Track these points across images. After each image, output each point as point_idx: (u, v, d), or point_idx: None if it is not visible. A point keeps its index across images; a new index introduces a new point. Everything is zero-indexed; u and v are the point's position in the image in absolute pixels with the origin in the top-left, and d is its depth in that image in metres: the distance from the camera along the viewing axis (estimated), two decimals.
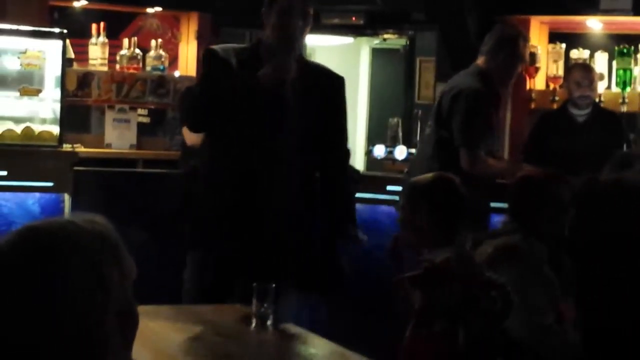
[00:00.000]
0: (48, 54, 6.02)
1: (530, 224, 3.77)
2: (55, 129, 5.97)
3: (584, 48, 7.37)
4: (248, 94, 4.12)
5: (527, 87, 7.44)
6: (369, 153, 7.61)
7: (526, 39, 5.60)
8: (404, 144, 7.49)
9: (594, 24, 7.37)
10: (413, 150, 7.04)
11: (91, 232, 1.58)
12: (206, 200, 4.22)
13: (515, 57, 5.42)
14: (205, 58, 4.37)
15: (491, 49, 5.45)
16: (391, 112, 8.81)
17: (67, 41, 6.50)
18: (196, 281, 4.16)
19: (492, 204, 5.35)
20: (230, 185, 4.16)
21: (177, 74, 8.25)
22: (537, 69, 7.38)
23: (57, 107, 6.03)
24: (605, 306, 1.74)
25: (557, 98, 7.16)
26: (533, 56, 7.31)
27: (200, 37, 8.53)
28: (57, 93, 6.05)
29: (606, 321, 1.91)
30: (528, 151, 6.33)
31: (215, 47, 4.42)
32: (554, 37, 7.63)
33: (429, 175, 3.75)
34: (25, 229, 1.57)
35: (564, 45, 7.42)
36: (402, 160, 7.01)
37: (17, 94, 5.94)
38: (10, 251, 1.52)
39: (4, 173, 5.60)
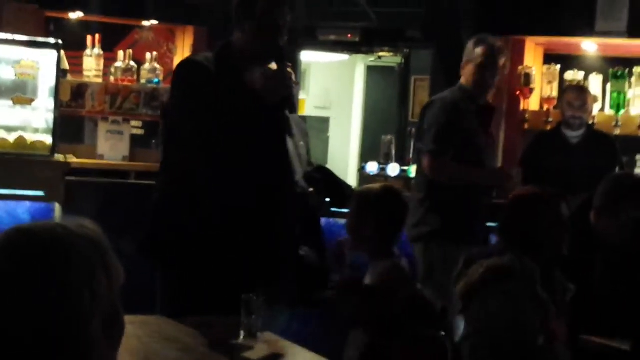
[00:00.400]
0: (42, 64, 6.02)
1: (521, 243, 3.75)
2: (48, 139, 5.96)
3: (578, 70, 7.39)
4: (250, 112, 3.79)
5: (521, 108, 7.45)
6: (361, 169, 7.61)
7: (499, 51, 5.40)
8: (396, 161, 7.50)
9: (589, 46, 7.39)
10: (405, 168, 7.05)
11: (81, 235, 1.57)
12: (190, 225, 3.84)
13: (483, 68, 5.30)
14: (187, 70, 3.96)
15: (463, 63, 5.43)
16: (385, 130, 8.81)
17: (62, 52, 6.49)
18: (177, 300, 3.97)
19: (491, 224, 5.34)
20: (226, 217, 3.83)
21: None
22: (531, 90, 7.39)
23: (51, 117, 6.02)
24: (601, 325, 1.73)
25: (551, 119, 7.17)
26: (527, 77, 7.33)
27: (195, 51, 8.54)
28: (50, 103, 6.05)
29: (601, 340, 1.90)
30: (522, 171, 6.33)
31: (192, 57, 4.15)
32: (549, 58, 7.65)
33: (377, 185, 3.93)
34: (14, 230, 1.56)
35: (558, 67, 7.44)
36: (395, 177, 7.01)
37: (11, 102, 5.93)
38: None
39: None
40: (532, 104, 7.47)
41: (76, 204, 5.72)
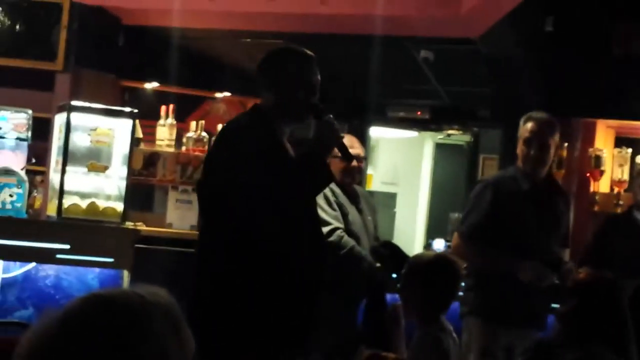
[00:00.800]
0: (117, 132, 6.13)
1: (589, 331, 3.62)
2: (120, 206, 6.04)
3: None
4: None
5: (591, 190, 7.38)
6: (427, 246, 7.57)
7: (546, 125, 5.16)
8: None
9: None
10: None
11: (155, 304, 1.59)
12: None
13: (529, 143, 5.11)
14: (242, 134, 3.79)
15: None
16: (452, 207, 8.78)
17: (137, 121, 6.62)
18: None
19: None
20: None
21: None
22: (601, 172, 7.33)
23: (123, 184, 6.11)
24: None
25: (621, 202, 7.10)
26: (598, 159, 7.28)
27: None
28: (123, 171, 6.14)
29: None
30: (591, 254, 6.24)
31: (236, 122, 3.94)
32: (620, 141, 7.59)
33: (431, 253, 3.94)
34: (90, 296, 1.58)
35: (630, 150, 7.38)
36: None
37: (85, 169, 6.04)
38: (75, 317, 1.54)
39: (67, 246, 5.67)
40: (602, 186, 7.41)
41: (144, 271, 5.77)
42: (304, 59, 3.98)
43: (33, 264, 5.70)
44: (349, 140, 5.56)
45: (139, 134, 7.37)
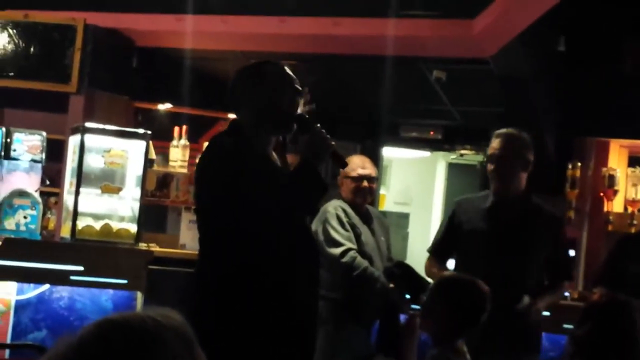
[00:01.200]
0: (131, 153, 6.15)
1: (603, 355, 3.59)
2: (133, 227, 6.06)
3: None
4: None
5: (605, 210, 7.36)
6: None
7: (512, 140, 4.81)
8: None
9: None
10: None
11: (169, 327, 1.59)
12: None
13: (491, 159, 4.85)
14: (232, 150, 3.69)
15: None
16: None
17: (150, 142, 6.64)
18: None
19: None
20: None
21: None
22: (615, 192, 7.31)
23: (136, 205, 6.13)
24: None
25: (635, 222, 7.07)
26: (612, 179, 7.26)
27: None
28: (136, 192, 6.16)
29: None
30: (604, 274, 6.21)
31: (223, 138, 3.82)
32: (634, 161, 7.57)
33: (462, 275, 3.89)
34: (104, 321, 1.58)
35: None
36: None
37: (99, 191, 6.06)
38: (90, 343, 1.54)
39: (81, 268, 5.68)
40: (616, 206, 7.38)
41: (158, 292, 5.77)
42: (280, 69, 3.97)
43: (47, 286, 5.71)
44: (360, 160, 5.57)
45: (152, 155, 7.39)
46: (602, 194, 7.37)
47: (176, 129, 7.84)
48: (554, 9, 6.29)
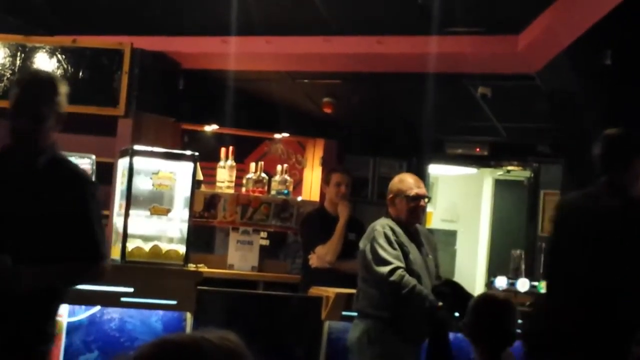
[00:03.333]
0: (179, 175, 6.19)
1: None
2: (182, 249, 6.09)
3: None
4: None
5: None
6: (489, 284, 7.51)
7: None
8: (526, 276, 7.37)
9: None
10: (536, 283, 6.93)
11: (224, 349, 1.61)
12: None
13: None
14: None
15: None
16: (514, 244, 8.71)
17: (197, 163, 6.69)
18: None
19: None
20: None
21: (299, 198, 8.39)
22: None
23: (185, 227, 6.16)
24: None
25: None
26: None
27: (325, 163, 8.69)
28: (185, 213, 6.20)
29: None
30: None
31: None
32: None
33: (501, 294, 4.15)
34: (161, 341, 1.60)
35: None
36: (525, 293, 6.89)
37: (148, 212, 6.10)
38: None
39: (131, 290, 5.72)
40: None
41: (207, 313, 5.80)
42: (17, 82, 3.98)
43: (98, 307, 5.76)
44: (414, 179, 5.56)
45: (200, 176, 7.45)
46: None
47: (222, 149, 7.89)
48: (599, 23, 6.25)
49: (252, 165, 8.06)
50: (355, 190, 7.50)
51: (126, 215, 6.00)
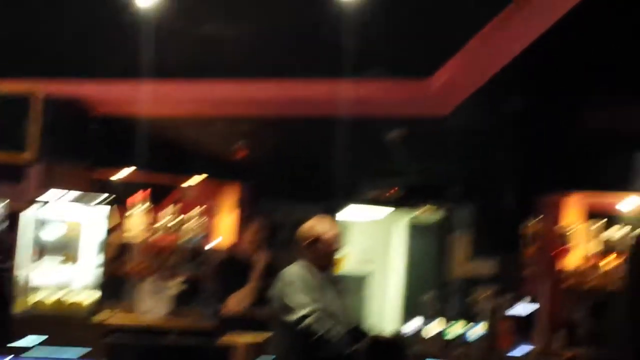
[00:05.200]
0: (89, 222, 6.10)
1: None
2: (90, 298, 5.99)
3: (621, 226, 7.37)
4: None
5: (561, 266, 7.41)
6: (404, 326, 7.54)
7: None
8: (439, 317, 7.41)
9: (632, 203, 7.38)
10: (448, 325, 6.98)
11: None
12: None
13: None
14: None
15: None
16: (427, 286, 8.76)
17: (109, 210, 6.60)
18: None
19: None
20: None
21: (213, 243, 8.31)
22: (569, 249, 7.38)
23: (95, 274, 6.07)
24: None
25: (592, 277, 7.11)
26: (566, 236, 7.31)
27: (240, 207, 8.65)
28: (96, 261, 6.10)
29: None
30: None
31: None
32: (593, 215, 7.63)
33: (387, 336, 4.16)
34: None
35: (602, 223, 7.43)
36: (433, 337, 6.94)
37: (57, 261, 5.99)
38: None
39: (36, 342, 5.60)
40: (572, 262, 7.44)
41: None
42: None
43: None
44: (328, 223, 5.56)
45: (112, 223, 7.34)
46: (557, 251, 7.40)
47: (137, 194, 7.80)
48: (510, 65, 6.36)
49: (166, 210, 7.98)
50: (270, 234, 7.47)
51: (32, 265, 5.87)
